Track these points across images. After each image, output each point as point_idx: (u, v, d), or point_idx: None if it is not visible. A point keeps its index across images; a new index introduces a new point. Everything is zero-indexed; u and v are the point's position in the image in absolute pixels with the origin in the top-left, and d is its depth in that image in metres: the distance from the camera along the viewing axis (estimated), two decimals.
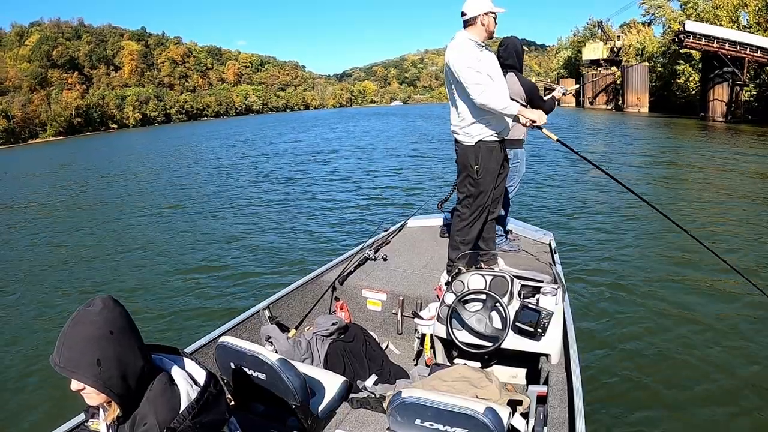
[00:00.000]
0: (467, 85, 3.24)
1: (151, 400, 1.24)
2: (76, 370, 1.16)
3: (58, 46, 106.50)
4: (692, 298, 5.37)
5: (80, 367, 1.16)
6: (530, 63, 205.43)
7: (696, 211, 8.96)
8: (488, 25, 3.34)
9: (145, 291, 6.26)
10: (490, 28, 3.36)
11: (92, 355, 1.16)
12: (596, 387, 3.77)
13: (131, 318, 1.26)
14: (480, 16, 3.31)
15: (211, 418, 1.28)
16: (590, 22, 68.44)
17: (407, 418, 1.89)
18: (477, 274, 2.99)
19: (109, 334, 1.18)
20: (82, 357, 1.16)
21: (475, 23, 3.34)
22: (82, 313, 1.19)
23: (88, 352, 1.16)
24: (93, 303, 1.21)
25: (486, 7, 3.31)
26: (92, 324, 1.17)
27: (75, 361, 1.16)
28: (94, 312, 1.19)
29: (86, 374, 1.16)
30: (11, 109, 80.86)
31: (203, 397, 1.27)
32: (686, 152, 17.53)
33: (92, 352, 1.16)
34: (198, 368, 1.38)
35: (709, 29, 34.43)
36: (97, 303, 1.20)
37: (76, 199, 13.94)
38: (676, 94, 44.29)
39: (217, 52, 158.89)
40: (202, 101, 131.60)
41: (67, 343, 1.17)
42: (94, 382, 1.17)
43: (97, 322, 1.18)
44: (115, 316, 1.21)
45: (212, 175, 16.28)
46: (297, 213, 10.19)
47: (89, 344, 1.16)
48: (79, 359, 1.16)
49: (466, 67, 3.24)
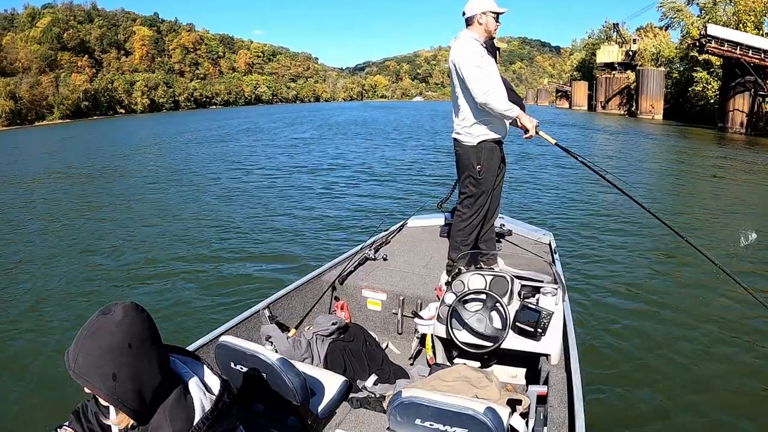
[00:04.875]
0: (470, 82, 3.24)
1: (167, 409, 1.21)
2: (91, 381, 1.12)
3: (70, 29, 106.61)
4: (692, 298, 5.43)
5: (94, 379, 1.12)
6: (544, 64, 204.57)
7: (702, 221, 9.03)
8: (486, 24, 3.33)
9: (145, 290, 6.16)
10: (488, 27, 3.34)
11: (108, 369, 1.12)
12: (596, 387, 3.81)
13: (154, 325, 1.20)
14: (477, 15, 3.31)
15: (224, 427, 1.27)
16: (606, 25, 67.62)
17: (407, 418, 1.88)
18: (477, 274, 3.00)
19: (127, 348, 1.13)
20: (97, 369, 1.11)
21: (473, 23, 3.34)
22: (100, 322, 1.13)
23: (103, 365, 1.11)
24: (113, 311, 1.15)
25: (484, 6, 3.30)
26: (110, 335, 1.12)
27: (89, 371, 1.12)
28: (114, 322, 1.13)
29: (100, 387, 1.12)
30: (19, 91, 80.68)
31: (218, 407, 1.26)
32: (703, 164, 17.05)
33: (108, 365, 1.11)
34: (212, 375, 1.35)
35: (732, 34, 32.52)
36: (117, 311, 1.14)
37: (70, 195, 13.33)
38: (693, 102, 43.02)
39: (229, 41, 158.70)
40: (211, 89, 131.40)
41: (83, 352, 1.12)
42: (107, 396, 1.13)
43: (115, 333, 1.12)
44: (135, 326, 1.15)
45: (212, 173, 15.84)
46: (297, 212, 10.11)
47: (105, 357, 1.11)
48: (93, 371, 1.11)
49: (471, 65, 3.24)
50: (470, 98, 3.33)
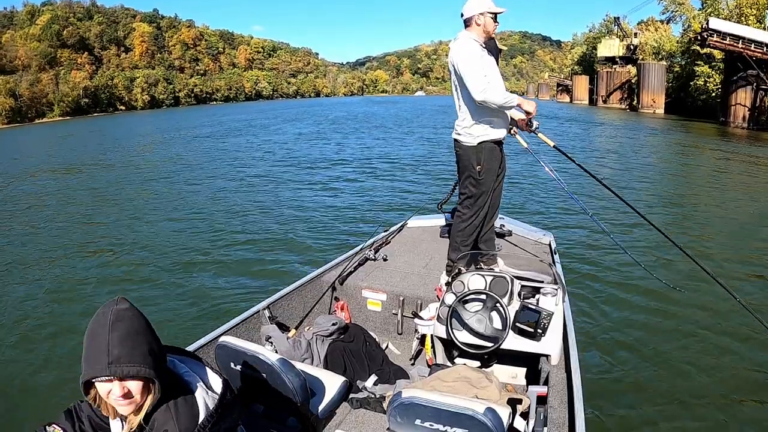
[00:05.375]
0: (468, 81, 3.23)
1: (171, 407, 1.23)
2: (133, 365, 1.14)
3: (69, 26, 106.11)
4: (692, 298, 5.38)
5: (135, 360, 1.14)
6: (545, 58, 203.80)
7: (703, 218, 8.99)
8: (484, 24, 3.32)
9: (144, 291, 6.14)
10: (486, 27, 3.33)
11: (145, 347, 1.17)
12: (596, 387, 3.79)
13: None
14: (475, 16, 3.31)
15: (227, 425, 1.30)
16: (607, 19, 67.22)
17: (407, 419, 1.88)
18: (477, 274, 3.00)
19: (146, 325, 1.21)
20: (134, 350, 1.15)
21: (472, 24, 3.35)
22: (115, 311, 1.17)
23: (140, 345, 1.16)
24: (117, 301, 1.20)
25: (481, 7, 3.29)
26: (130, 319, 1.18)
27: (131, 355, 1.14)
28: (125, 308, 1.19)
29: (145, 365, 1.16)
30: (19, 88, 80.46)
31: (221, 405, 1.29)
32: (705, 159, 17.02)
33: (143, 343, 1.17)
34: (214, 375, 1.39)
35: (734, 28, 32.20)
36: (121, 301, 1.20)
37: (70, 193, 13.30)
38: (694, 96, 42.71)
39: (229, 37, 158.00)
40: (211, 85, 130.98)
41: (113, 342, 1.14)
42: (152, 372, 1.17)
43: (132, 317, 1.18)
44: (138, 311, 1.22)
45: (210, 172, 15.71)
46: (297, 213, 10.06)
47: (138, 337, 1.17)
48: (132, 354, 1.14)
49: (469, 65, 3.24)
50: (470, 98, 3.33)
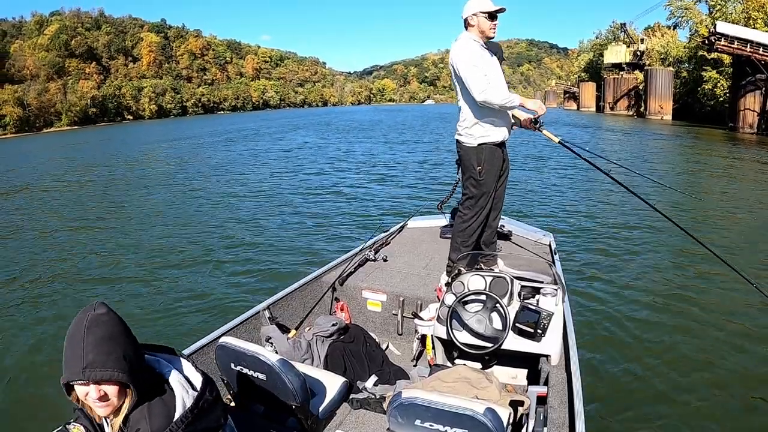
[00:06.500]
0: (468, 82, 3.24)
1: (146, 407, 1.22)
2: (106, 369, 1.15)
3: (77, 36, 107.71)
4: (693, 298, 5.39)
5: (108, 365, 1.15)
6: (551, 66, 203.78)
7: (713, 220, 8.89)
8: (479, 25, 3.33)
9: (144, 291, 6.18)
10: (481, 27, 3.33)
11: (119, 351, 1.17)
12: (596, 387, 3.80)
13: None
14: (469, 17, 3.33)
15: (204, 425, 1.26)
16: (613, 25, 67.14)
17: (407, 419, 1.87)
18: (477, 274, 3.00)
19: (123, 330, 1.21)
20: (108, 356, 1.15)
21: (469, 24, 3.37)
22: (91, 317, 1.18)
23: (114, 350, 1.16)
24: (95, 306, 1.20)
25: (474, 8, 3.31)
26: (105, 324, 1.18)
27: (104, 360, 1.15)
28: (102, 313, 1.19)
29: (118, 370, 1.16)
30: (27, 98, 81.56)
31: (198, 404, 1.25)
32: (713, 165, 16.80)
33: (117, 348, 1.17)
34: (194, 371, 1.35)
35: (742, 32, 31.73)
36: (99, 306, 1.20)
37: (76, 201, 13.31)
38: (702, 102, 42.30)
39: (237, 46, 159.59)
40: (219, 94, 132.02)
41: (87, 348, 1.14)
42: (126, 376, 1.16)
43: (107, 322, 1.18)
44: (117, 315, 1.22)
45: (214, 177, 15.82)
46: (297, 213, 10.12)
47: (111, 342, 1.17)
48: (106, 359, 1.15)
49: (468, 65, 3.24)
50: (470, 99, 3.32)
